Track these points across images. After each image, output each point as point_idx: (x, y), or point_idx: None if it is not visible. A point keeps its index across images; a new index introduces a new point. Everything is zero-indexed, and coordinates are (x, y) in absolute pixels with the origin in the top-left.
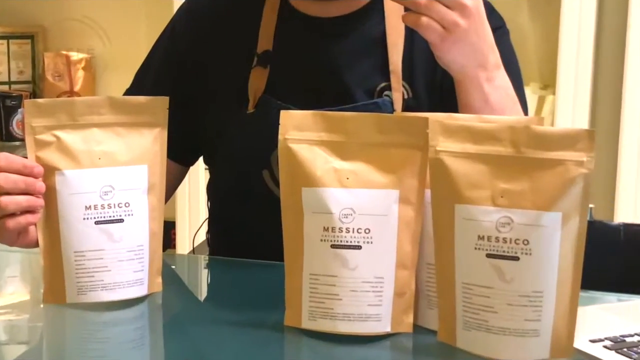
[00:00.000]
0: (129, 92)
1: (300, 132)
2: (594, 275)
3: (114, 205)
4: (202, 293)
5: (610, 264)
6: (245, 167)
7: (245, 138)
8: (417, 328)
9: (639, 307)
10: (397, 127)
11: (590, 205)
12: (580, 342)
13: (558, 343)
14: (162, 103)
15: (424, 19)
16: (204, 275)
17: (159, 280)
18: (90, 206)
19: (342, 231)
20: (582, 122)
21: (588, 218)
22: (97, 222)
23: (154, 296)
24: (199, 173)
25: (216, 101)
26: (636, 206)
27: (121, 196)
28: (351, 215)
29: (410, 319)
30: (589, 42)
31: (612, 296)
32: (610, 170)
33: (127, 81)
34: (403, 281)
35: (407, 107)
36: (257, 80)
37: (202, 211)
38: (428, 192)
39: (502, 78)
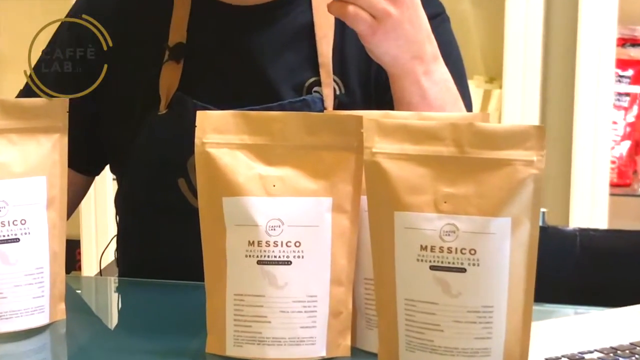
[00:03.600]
0: (23, 93)
1: (219, 134)
2: (549, 287)
3: (9, 222)
4: (112, 320)
5: (565, 274)
6: (158, 175)
7: (157, 143)
8: (356, 351)
9: (597, 320)
10: (328, 126)
11: (543, 210)
12: None
13: None
14: (61, 105)
15: (351, 8)
16: (114, 300)
17: (62, 306)
18: None
19: (269, 245)
20: (531, 118)
21: (540, 223)
22: None
23: (56, 325)
24: (105, 184)
25: (123, 102)
26: (593, 209)
27: (16, 212)
28: (279, 227)
29: (347, 341)
30: (538, 30)
31: (568, 309)
32: (563, 171)
33: (23, 82)
34: (339, 299)
35: (339, 104)
36: (170, 77)
37: (110, 227)
38: (364, 199)
39: (441, 71)
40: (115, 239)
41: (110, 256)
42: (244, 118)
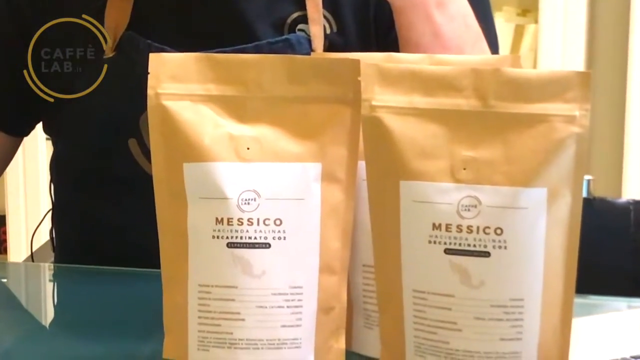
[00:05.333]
0: None
1: (178, 83)
2: (595, 274)
3: None
4: (47, 316)
5: (616, 257)
6: (103, 135)
7: (102, 95)
8: (352, 355)
9: None
10: (316, 73)
11: (588, 177)
12: None
13: None
14: None
15: None
16: (49, 291)
17: None
18: None
19: (242, 223)
20: (574, 61)
21: (584, 195)
22: None
23: None
24: (37, 146)
25: (58, 44)
26: None
27: None
28: (255, 200)
29: (341, 343)
30: None
31: (619, 301)
32: (614, 129)
33: None
34: (330, 291)
35: (330, 45)
36: (117, 12)
37: (43, 200)
38: (362, 165)
39: (459, 3)
40: (49, 214)
41: (44, 236)
42: (210, 62)
